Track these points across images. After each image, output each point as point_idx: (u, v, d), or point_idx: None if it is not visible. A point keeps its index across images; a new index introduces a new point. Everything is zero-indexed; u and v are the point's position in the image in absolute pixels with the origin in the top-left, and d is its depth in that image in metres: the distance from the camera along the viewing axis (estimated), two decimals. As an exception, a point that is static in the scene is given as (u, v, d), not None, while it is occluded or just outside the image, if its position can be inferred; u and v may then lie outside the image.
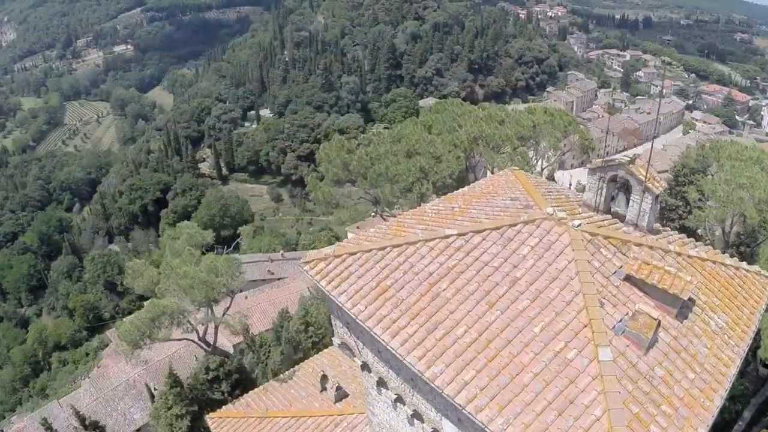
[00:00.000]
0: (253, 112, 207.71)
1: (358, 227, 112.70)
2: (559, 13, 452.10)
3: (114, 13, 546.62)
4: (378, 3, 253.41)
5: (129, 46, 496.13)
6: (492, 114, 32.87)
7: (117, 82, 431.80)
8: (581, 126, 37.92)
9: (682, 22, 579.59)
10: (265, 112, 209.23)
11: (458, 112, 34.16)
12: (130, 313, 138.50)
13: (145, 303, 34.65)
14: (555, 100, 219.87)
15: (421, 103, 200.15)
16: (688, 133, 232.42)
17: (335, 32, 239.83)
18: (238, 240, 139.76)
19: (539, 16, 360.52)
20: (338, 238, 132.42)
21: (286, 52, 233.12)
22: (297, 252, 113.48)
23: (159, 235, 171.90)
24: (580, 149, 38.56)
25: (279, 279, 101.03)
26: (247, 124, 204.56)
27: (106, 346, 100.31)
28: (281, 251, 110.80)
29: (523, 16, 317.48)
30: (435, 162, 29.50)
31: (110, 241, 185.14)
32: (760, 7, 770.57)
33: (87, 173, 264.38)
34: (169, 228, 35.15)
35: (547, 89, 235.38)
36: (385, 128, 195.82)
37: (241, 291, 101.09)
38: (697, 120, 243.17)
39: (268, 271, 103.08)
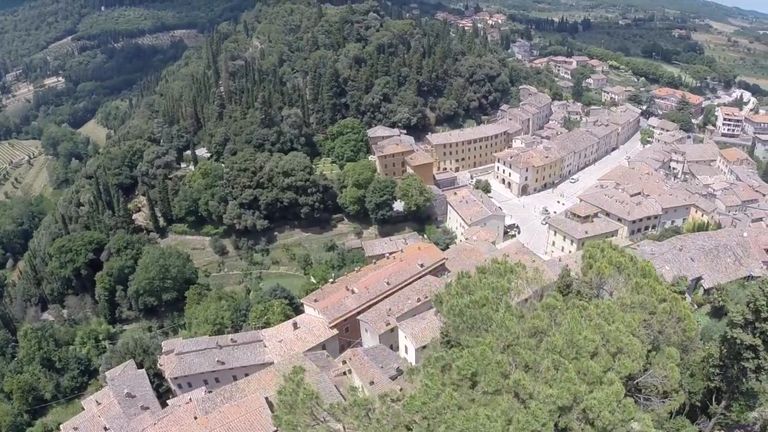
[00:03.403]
0: (188, 152, 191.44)
1: (316, 300, 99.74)
2: (500, 21, 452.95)
3: (44, 44, 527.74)
4: (317, 25, 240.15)
5: (60, 78, 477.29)
6: (577, 341, 18.29)
7: (49, 117, 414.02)
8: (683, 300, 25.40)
9: (620, 22, 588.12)
10: (201, 151, 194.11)
11: (516, 332, 18.75)
12: (72, 391, 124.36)
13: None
14: (510, 119, 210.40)
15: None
16: (648, 142, 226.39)
17: (273, 59, 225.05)
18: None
19: (481, 25, 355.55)
20: (291, 306, 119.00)
21: (221, 83, 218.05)
22: (248, 332, 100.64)
23: (96, 301, 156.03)
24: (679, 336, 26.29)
25: (231, 369, 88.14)
26: (183, 165, 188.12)
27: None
28: (230, 335, 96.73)
29: (468, 27, 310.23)
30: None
31: (44, 309, 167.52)
32: (689, 0, 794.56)
33: (18, 224, 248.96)
34: None
35: (501, 108, 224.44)
36: (333, 162, 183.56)
37: (190, 386, 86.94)
38: (654, 127, 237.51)
39: (218, 361, 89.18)
